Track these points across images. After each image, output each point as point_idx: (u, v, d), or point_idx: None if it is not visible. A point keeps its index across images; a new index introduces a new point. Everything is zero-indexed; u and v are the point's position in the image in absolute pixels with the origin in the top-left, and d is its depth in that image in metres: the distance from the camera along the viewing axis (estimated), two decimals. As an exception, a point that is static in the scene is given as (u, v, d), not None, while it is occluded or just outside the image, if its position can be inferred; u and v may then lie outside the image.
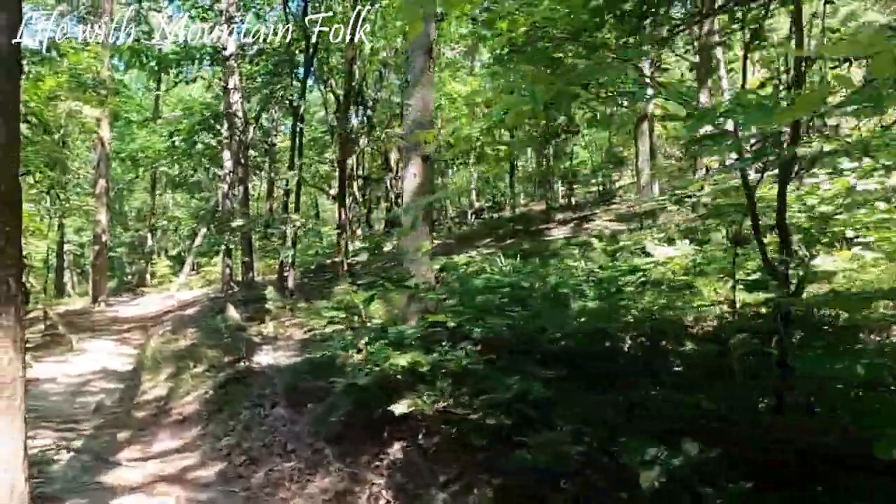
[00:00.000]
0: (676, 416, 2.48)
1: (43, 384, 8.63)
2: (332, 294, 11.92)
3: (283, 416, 4.77)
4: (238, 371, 6.74)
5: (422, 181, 4.85)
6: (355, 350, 4.54)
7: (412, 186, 4.83)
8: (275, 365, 6.71)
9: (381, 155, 24.80)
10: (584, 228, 14.91)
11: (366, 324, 8.23)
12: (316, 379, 5.22)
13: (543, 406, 2.55)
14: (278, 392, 5.42)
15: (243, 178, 14.77)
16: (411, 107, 4.93)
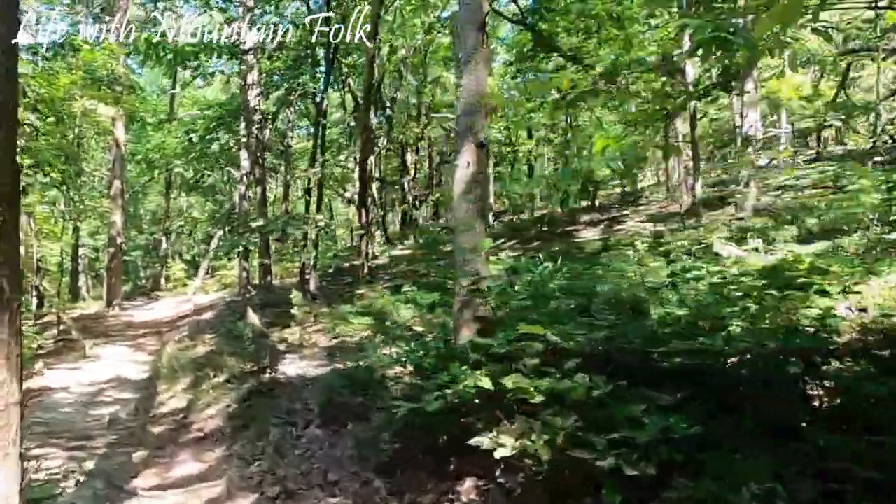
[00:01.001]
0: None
1: (55, 394, 8.14)
2: (353, 298, 11.37)
3: (320, 437, 4.19)
4: (262, 382, 6.17)
5: (476, 170, 4.25)
6: (402, 363, 3.93)
7: (465, 176, 4.23)
8: (303, 376, 6.14)
9: (398, 156, 24.34)
10: (614, 230, 14.23)
11: (397, 330, 7.65)
12: (353, 394, 4.63)
13: (689, 444, 1.94)
14: (311, 408, 4.84)
15: (261, 179, 14.30)
16: (463, 88, 4.33)
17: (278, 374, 6.25)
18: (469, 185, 4.26)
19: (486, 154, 4.28)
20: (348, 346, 7.55)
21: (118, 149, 16.09)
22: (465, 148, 4.30)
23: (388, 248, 20.42)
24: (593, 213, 19.12)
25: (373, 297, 9.82)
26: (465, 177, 4.27)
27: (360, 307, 9.54)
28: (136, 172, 24.35)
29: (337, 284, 14.24)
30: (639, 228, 13.34)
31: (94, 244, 27.07)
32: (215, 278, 19.44)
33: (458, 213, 4.34)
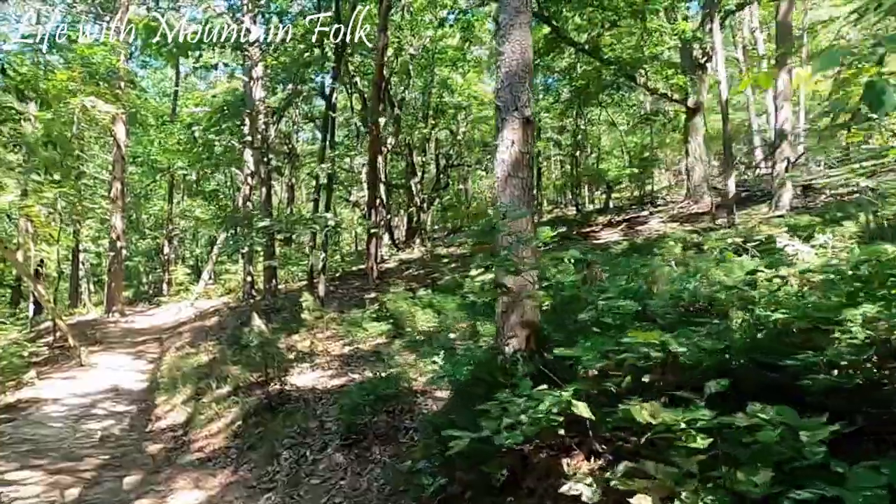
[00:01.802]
0: None
1: (45, 406, 7.54)
2: (364, 303, 10.75)
3: (341, 463, 3.56)
4: (270, 395, 5.55)
5: (521, 150, 3.64)
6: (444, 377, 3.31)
7: (510, 157, 3.62)
8: (316, 388, 5.51)
9: (405, 158, 23.79)
10: (636, 231, 13.59)
11: (416, 336, 7.02)
12: (377, 410, 3.99)
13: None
14: (328, 427, 4.21)
15: (266, 180, 13.73)
16: (504, 56, 3.74)
17: (288, 385, 5.62)
18: (514, 166, 3.65)
19: (533, 131, 3.64)
20: (363, 355, 6.93)
21: (118, 149, 15.56)
22: (509, 124, 3.69)
23: (397, 252, 19.83)
24: (608, 215, 18.51)
25: (386, 302, 9.19)
26: (510, 157, 3.66)
27: (373, 312, 8.92)
28: (139, 176, 23.88)
29: (345, 289, 13.63)
30: (663, 229, 12.70)
31: (97, 250, 26.57)
32: (218, 283, 18.85)
33: (503, 199, 3.73)
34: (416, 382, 4.64)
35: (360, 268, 18.24)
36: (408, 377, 4.48)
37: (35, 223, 12.09)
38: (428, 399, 4.19)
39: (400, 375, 4.36)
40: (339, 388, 5.45)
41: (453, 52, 22.93)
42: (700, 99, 15.83)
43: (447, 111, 23.20)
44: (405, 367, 4.84)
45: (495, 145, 3.78)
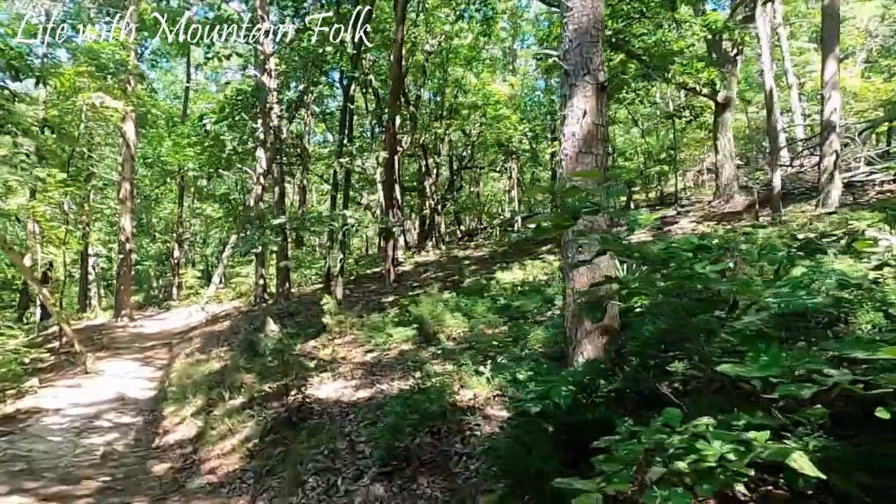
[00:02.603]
0: None
1: (46, 417, 7.00)
2: (383, 306, 10.17)
3: (382, 498, 2.95)
4: (289, 408, 4.96)
5: (595, 121, 3.05)
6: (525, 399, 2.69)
7: (582, 130, 3.02)
8: (341, 401, 4.91)
9: (421, 158, 23.26)
10: (666, 231, 12.91)
11: (446, 343, 6.41)
12: (419, 430, 3.38)
13: None
14: (360, 450, 3.60)
15: (279, 179, 13.22)
16: (572, 11, 3.14)
17: (309, 397, 5.02)
18: (587, 141, 3.05)
19: (606, 99, 3.03)
20: (389, 362, 6.33)
21: (128, 148, 15.13)
22: (579, 91, 3.09)
23: (411, 255, 19.25)
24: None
25: (409, 305, 8.59)
26: (582, 130, 3.05)
27: (395, 316, 8.32)
28: (149, 178, 23.53)
29: (360, 292, 13.06)
30: (697, 229, 12.02)
31: (107, 254, 26.28)
32: (229, 287, 18.36)
33: (575, 181, 3.12)
34: (460, 397, 4.02)
35: (374, 271, 17.69)
36: (450, 390, 3.86)
37: (41, 224, 11.63)
38: (479, 418, 3.58)
39: (441, 388, 3.75)
40: (366, 402, 4.85)
41: (467, 50, 22.47)
42: (730, 94, 15.15)
43: (461, 111, 22.70)
44: (443, 378, 4.22)
45: (562, 116, 3.17)
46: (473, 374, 4.26)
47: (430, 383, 4.14)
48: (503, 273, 10.19)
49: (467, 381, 4.21)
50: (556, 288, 7.25)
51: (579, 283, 3.07)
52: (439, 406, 3.47)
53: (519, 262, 11.27)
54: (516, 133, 22.91)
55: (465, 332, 6.76)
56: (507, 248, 16.44)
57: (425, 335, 7.04)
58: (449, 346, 6.20)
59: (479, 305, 7.06)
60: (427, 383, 4.10)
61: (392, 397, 4.21)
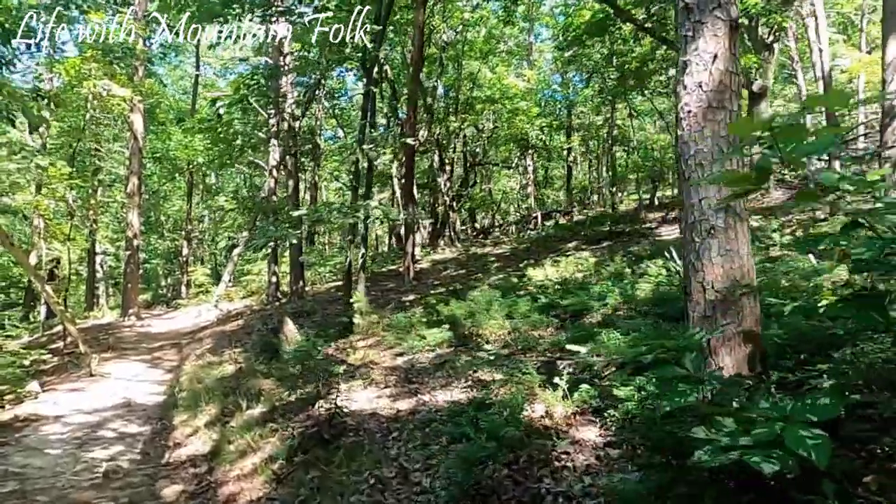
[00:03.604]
0: None
1: (45, 425, 6.39)
2: (403, 306, 9.51)
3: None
4: (318, 420, 4.30)
5: (728, 67, 2.36)
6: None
7: (710, 80, 2.35)
8: (378, 414, 4.25)
9: (434, 154, 22.60)
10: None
11: (486, 346, 5.72)
12: (496, 458, 2.69)
13: None
14: (416, 480, 2.93)
15: (293, 172, 12.60)
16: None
17: (340, 407, 4.35)
18: (718, 94, 2.36)
19: (739, 41, 2.30)
20: (423, 367, 5.66)
21: (136, 141, 14.58)
22: (707, 30, 2.40)
23: (427, 253, 18.59)
24: (655, 212, 17.09)
25: (437, 305, 7.93)
26: (711, 80, 2.37)
27: (422, 316, 7.65)
28: (157, 174, 23.03)
29: (378, 291, 12.41)
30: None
31: (115, 252, 25.83)
32: (240, 285, 17.76)
33: (699, 144, 2.43)
34: (530, 413, 3.33)
35: (389, 269, 17.05)
36: (518, 405, 3.17)
37: (45, 216, 11.07)
38: (564, 442, 2.88)
39: (511, 403, 3.07)
40: (409, 415, 4.17)
41: (483, 43, 21.85)
42: (766, 83, 14.38)
43: (476, 105, 22.08)
44: (509, 390, 3.54)
45: (681, 64, 2.48)
46: (541, 386, 3.58)
47: (491, 396, 3.45)
48: (535, 270, 9.50)
49: (537, 394, 3.52)
50: (604, 286, 6.56)
51: (712, 274, 2.38)
52: (517, 427, 2.78)
53: (551, 259, 10.57)
54: (533, 128, 22.23)
55: (506, 334, 6.09)
56: (529, 246, 15.75)
57: (460, 337, 6.37)
58: (492, 350, 5.51)
59: (521, 304, 6.37)
60: (486, 395, 3.42)
61: (438, 411, 3.55)
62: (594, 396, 3.21)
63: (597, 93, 17.86)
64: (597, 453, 2.73)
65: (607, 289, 6.39)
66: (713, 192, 2.36)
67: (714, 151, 2.36)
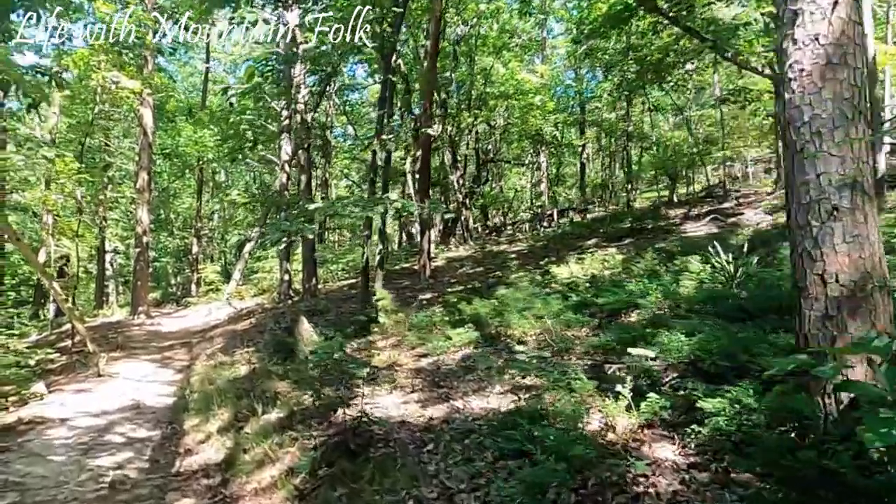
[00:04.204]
0: None
1: (50, 429, 6.07)
2: (420, 304, 9.12)
3: None
4: (342, 429, 3.93)
5: (850, 16, 1.94)
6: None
7: (829, 31, 1.95)
8: (408, 421, 3.87)
9: (447, 150, 22.22)
10: (731, 224, 11.68)
11: (517, 347, 5.32)
12: (568, 482, 2.29)
13: None
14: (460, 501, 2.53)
15: (305, 167, 12.26)
16: None
17: (366, 413, 3.97)
18: (839, 46, 1.95)
19: None
20: (449, 370, 5.28)
21: (145, 136, 14.30)
22: (826, -31, 1.97)
23: (441, 250, 18.22)
24: (675, 209, 16.59)
25: (458, 303, 7.55)
26: (831, 31, 1.97)
27: (443, 315, 7.26)
28: (167, 171, 22.82)
29: (391, 288, 12.04)
30: (768, 220, 10.79)
31: (125, 250, 25.68)
32: (250, 283, 17.47)
33: (816, 109, 2.02)
34: (590, 427, 2.93)
35: (402, 266, 16.69)
36: (576, 416, 2.77)
37: (53, 212, 10.79)
38: (645, 466, 2.47)
39: (573, 415, 2.67)
40: (442, 424, 3.78)
41: (496, 38, 21.48)
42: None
43: (489, 101, 21.71)
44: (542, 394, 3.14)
45: (789, 14, 2.07)
46: (596, 393, 3.17)
47: (542, 405, 3.05)
48: (559, 268, 9.08)
49: (588, 402, 3.12)
50: (640, 284, 6.13)
51: (836, 265, 1.97)
52: (587, 445, 2.38)
53: (575, 256, 10.15)
54: (547, 123, 21.81)
55: (537, 334, 5.69)
56: (547, 243, 15.32)
57: (488, 337, 5.98)
58: (524, 352, 5.11)
59: (552, 303, 5.97)
60: (538, 405, 3.02)
61: (475, 420, 3.15)
62: (665, 407, 2.80)
63: (615, 86, 17.30)
64: (681, 476, 2.33)
65: (644, 287, 5.97)
66: (835, 165, 1.96)
67: (835, 117, 1.95)
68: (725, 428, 2.38)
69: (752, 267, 5.32)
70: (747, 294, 4.29)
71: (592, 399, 3.23)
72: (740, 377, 2.78)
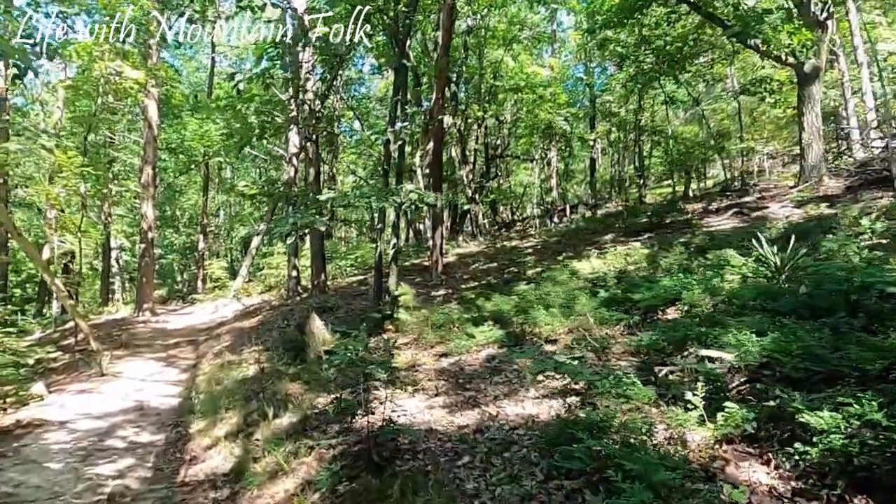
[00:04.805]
0: None
1: (48, 432, 5.74)
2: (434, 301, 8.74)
3: None
4: (362, 437, 3.56)
5: None
6: None
7: None
8: (436, 430, 3.49)
9: (455, 144, 21.84)
10: (756, 218, 11.21)
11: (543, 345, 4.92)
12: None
13: None
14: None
15: (314, 160, 11.88)
16: None
17: (392, 422, 3.59)
18: None
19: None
20: (473, 371, 4.90)
21: (150, 130, 13.97)
22: None
23: (450, 246, 17.82)
24: (692, 204, 16.11)
25: (475, 299, 7.18)
26: None
27: (462, 311, 6.87)
28: (173, 167, 22.51)
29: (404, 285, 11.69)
30: (796, 213, 10.32)
31: (131, 247, 25.44)
32: (257, 280, 17.14)
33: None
34: (657, 438, 2.54)
35: (412, 263, 16.30)
36: (642, 428, 2.38)
37: (56, 206, 10.48)
38: (732, 488, 2.07)
39: (640, 427, 2.28)
40: (475, 433, 3.40)
41: (504, 30, 21.08)
42: (818, 63, 13.34)
43: (498, 94, 21.32)
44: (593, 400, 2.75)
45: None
46: (656, 401, 2.78)
47: (596, 414, 2.66)
48: (581, 263, 8.68)
49: (642, 409, 2.72)
50: (676, 279, 5.72)
51: None
52: (676, 469, 1.98)
53: (596, 251, 9.75)
54: (559, 116, 21.37)
55: (566, 332, 5.30)
56: (560, 239, 14.91)
57: (512, 336, 5.59)
58: (555, 352, 4.72)
59: (582, 299, 5.57)
60: (596, 414, 2.63)
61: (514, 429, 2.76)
62: (747, 419, 2.40)
63: (630, 77, 16.81)
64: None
65: (680, 282, 5.56)
66: None
67: None
68: (841, 449, 1.98)
69: (801, 260, 4.90)
70: (806, 289, 3.88)
71: (648, 407, 2.83)
72: (830, 383, 2.38)
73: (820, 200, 11.27)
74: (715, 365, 3.18)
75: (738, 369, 3.12)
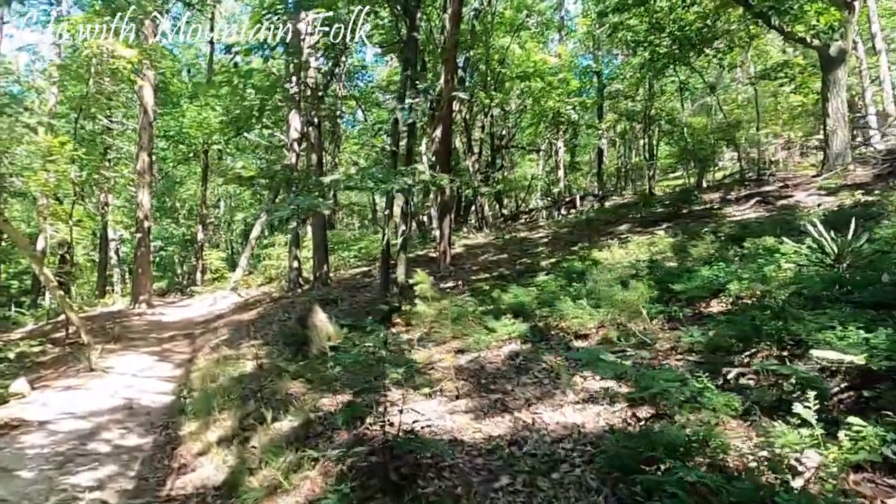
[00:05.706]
0: None
1: (25, 435, 5.22)
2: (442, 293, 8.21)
3: None
4: (375, 447, 3.04)
5: None
6: None
7: None
8: (462, 440, 2.96)
9: (461, 133, 21.24)
10: (782, 207, 10.65)
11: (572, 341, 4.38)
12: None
13: None
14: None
15: (316, 145, 11.34)
16: None
17: (413, 432, 3.07)
18: None
19: None
20: (496, 370, 4.37)
21: (146, 115, 13.41)
22: None
23: (458, 237, 17.28)
24: (708, 194, 15.54)
25: (492, 291, 6.65)
26: None
27: (478, 304, 6.34)
28: (171, 157, 21.96)
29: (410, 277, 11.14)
30: (827, 201, 9.76)
31: (131, 240, 24.92)
32: (258, 271, 16.63)
33: None
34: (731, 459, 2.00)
35: (417, 254, 15.78)
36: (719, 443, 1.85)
37: (45, 192, 9.95)
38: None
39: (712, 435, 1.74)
40: (509, 445, 2.88)
41: (511, 16, 20.50)
42: (845, 46, 12.72)
43: (505, 82, 20.74)
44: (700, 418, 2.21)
45: None
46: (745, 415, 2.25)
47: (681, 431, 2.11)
48: (601, 253, 8.15)
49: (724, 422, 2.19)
50: (717, 268, 5.19)
51: None
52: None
53: (618, 241, 9.21)
54: (567, 105, 20.74)
55: (596, 327, 4.77)
56: (572, 229, 14.36)
57: (536, 331, 5.07)
58: (583, 346, 4.19)
59: (616, 289, 5.03)
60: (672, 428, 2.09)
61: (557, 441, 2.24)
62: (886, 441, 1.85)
63: (643, 63, 16.16)
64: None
65: (722, 271, 5.03)
66: None
67: None
68: None
69: (864, 246, 4.36)
70: (890, 277, 3.34)
71: (727, 418, 2.30)
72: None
73: (852, 188, 10.69)
74: (799, 366, 2.64)
75: (829, 371, 2.58)
